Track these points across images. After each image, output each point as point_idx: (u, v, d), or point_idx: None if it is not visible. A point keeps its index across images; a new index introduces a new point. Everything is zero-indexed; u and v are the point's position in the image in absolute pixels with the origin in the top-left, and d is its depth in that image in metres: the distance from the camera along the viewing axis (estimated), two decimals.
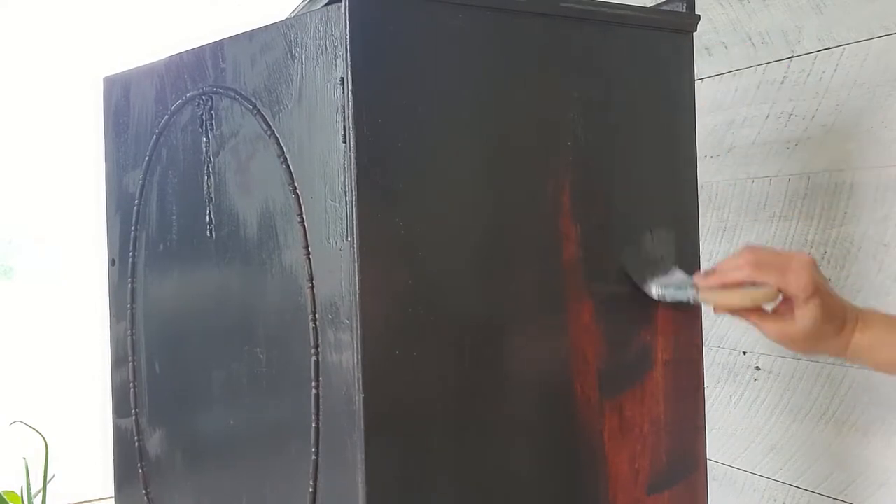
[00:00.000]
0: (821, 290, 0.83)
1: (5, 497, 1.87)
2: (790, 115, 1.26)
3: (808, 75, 1.23)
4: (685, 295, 0.88)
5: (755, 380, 1.35)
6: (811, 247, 1.24)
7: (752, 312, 0.87)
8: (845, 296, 1.20)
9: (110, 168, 1.09)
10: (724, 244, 1.39)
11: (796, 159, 1.26)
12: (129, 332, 1.06)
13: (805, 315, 0.83)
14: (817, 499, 1.25)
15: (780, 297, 0.85)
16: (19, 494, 1.89)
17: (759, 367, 1.34)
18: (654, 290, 0.90)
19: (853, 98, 1.17)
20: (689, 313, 0.98)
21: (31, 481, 1.90)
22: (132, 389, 1.06)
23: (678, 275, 0.92)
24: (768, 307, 0.87)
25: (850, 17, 1.17)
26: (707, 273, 0.88)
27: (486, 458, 0.86)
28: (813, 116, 1.23)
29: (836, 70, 1.19)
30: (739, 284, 0.85)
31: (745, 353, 1.36)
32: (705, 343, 1.07)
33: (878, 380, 1.16)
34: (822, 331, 0.84)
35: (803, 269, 0.83)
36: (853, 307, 0.87)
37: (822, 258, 1.23)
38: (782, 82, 1.27)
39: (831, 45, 1.20)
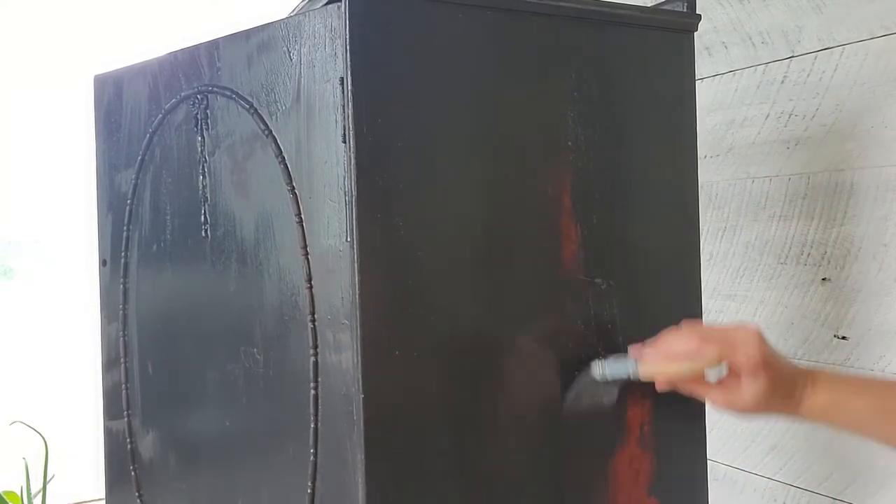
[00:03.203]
0: (768, 362, 0.82)
1: (5, 497, 1.87)
2: (790, 114, 1.26)
3: (808, 75, 1.23)
4: (625, 369, 0.86)
5: None
6: (811, 247, 1.24)
7: (696, 384, 0.85)
8: (845, 296, 1.20)
9: (101, 168, 1.09)
10: (723, 244, 1.38)
11: (796, 159, 1.26)
12: (120, 333, 1.06)
13: (751, 386, 0.82)
14: (817, 499, 1.25)
15: (725, 368, 0.84)
16: (19, 494, 1.89)
17: None
18: (596, 369, 0.87)
19: (853, 98, 1.17)
20: (692, 317, 0.98)
21: (31, 481, 1.90)
22: (124, 391, 1.06)
23: (621, 355, 0.88)
24: (712, 377, 0.85)
25: (850, 16, 1.17)
26: (648, 344, 0.86)
27: (486, 459, 0.85)
28: (813, 116, 1.23)
29: (836, 70, 1.19)
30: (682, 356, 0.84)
31: None
32: None
33: None
34: (770, 400, 0.83)
35: (750, 342, 0.82)
36: (805, 371, 0.85)
37: (823, 258, 1.22)
38: (782, 82, 1.27)
39: (831, 45, 1.19)
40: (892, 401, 0.84)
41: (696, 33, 1.00)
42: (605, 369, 0.87)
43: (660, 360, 0.84)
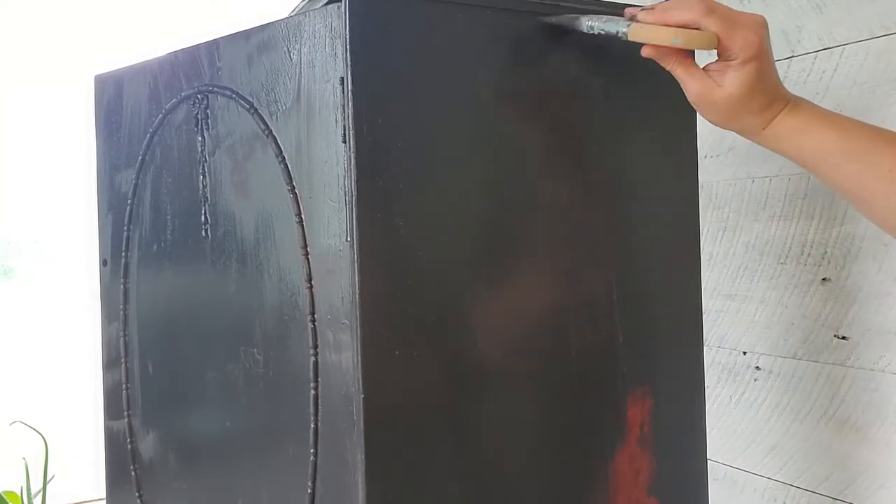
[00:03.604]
0: (764, 56, 0.76)
1: (5, 497, 1.87)
2: None
3: (808, 75, 1.23)
4: (616, 27, 0.79)
5: (755, 380, 1.35)
6: (811, 246, 1.24)
7: (683, 59, 0.78)
8: (845, 296, 1.20)
9: (102, 167, 1.09)
10: (723, 244, 1.38)
11: None
12: (121, 333, 1.06)
13: (738, 78, 0.75)
14: (817, 499, 1.25)
15: (716, 53, 0.78)
16: (19, 494, 1.89)
17: (760, 367, 1.34)
18: (584, 22, 0.82)
19: (853, 98, 1.17)
20: (692, 317, 0.98)
21: (31, 481, 1.90)
22: (124, 391, 1.06)
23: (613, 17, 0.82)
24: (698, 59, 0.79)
25: (850, 16, 1.17)
26: (648, 8, 0.79)
27: (486, 459, 0.85)
28: None
29: (836, 70, 1.19)
30: (681, 26, 0.77)
31: (745, 353, 1.36)
32: (705, 343, 1.06)
33: (879, 380, 1.16)
34: (749, 102, 0.76)
35: (755, 27, 0.75)
36: (786, 91, 0.79)
37: (823, 258, 1.22)
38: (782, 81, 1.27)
39: (831, 45, 1.19)
40: (862, 141, 0.77)
41: None
42: (594, 21, 0.81)
43: (654, 24, 0.77)
